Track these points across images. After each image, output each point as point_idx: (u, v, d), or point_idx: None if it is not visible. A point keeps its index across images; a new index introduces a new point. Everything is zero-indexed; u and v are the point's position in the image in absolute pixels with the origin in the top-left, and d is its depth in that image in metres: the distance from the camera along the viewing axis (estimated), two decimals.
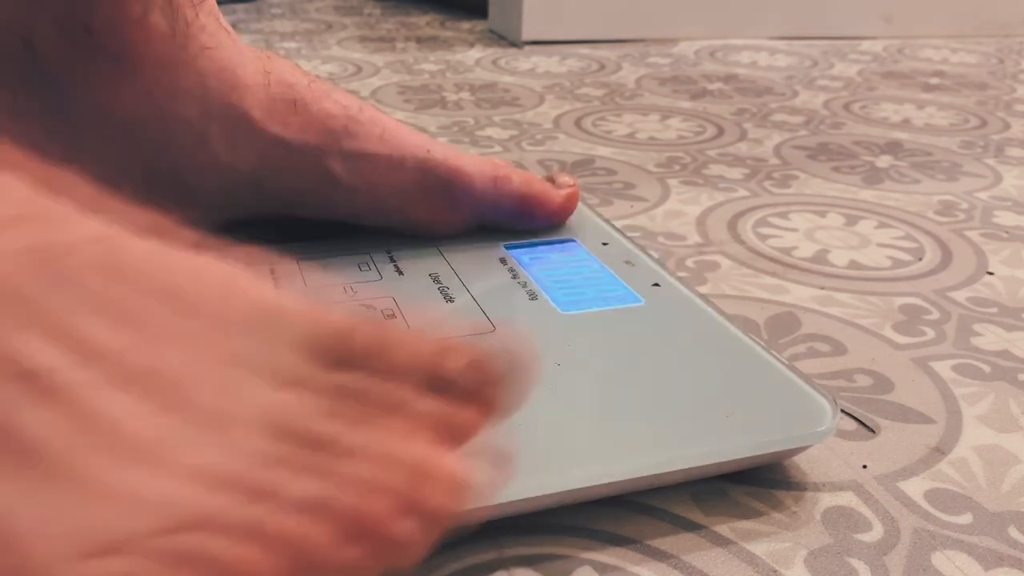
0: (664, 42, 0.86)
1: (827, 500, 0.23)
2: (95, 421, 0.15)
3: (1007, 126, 0.60)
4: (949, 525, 0.22)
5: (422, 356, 0.17)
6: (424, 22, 0.96)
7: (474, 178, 0.32)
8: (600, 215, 0.36)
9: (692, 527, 0.22)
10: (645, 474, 0.21)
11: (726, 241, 0.39)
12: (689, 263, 0.36)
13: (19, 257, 0.16)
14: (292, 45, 0.81)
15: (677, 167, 0.49)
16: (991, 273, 0.37)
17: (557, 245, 0.33)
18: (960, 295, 0.34)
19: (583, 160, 0.50)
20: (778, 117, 0.60)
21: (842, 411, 0.26)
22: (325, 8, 1.04)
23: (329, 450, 0.15)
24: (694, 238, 0.39)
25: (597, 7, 0.84)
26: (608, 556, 0.21)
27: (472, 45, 0.84)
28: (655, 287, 0.29)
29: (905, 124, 0.60)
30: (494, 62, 0.76)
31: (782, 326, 0.32)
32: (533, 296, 0.28)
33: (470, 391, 0.17)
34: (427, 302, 0.28)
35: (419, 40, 0.86)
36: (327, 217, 0.31)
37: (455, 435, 0.16)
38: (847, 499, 0.23)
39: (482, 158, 0.33)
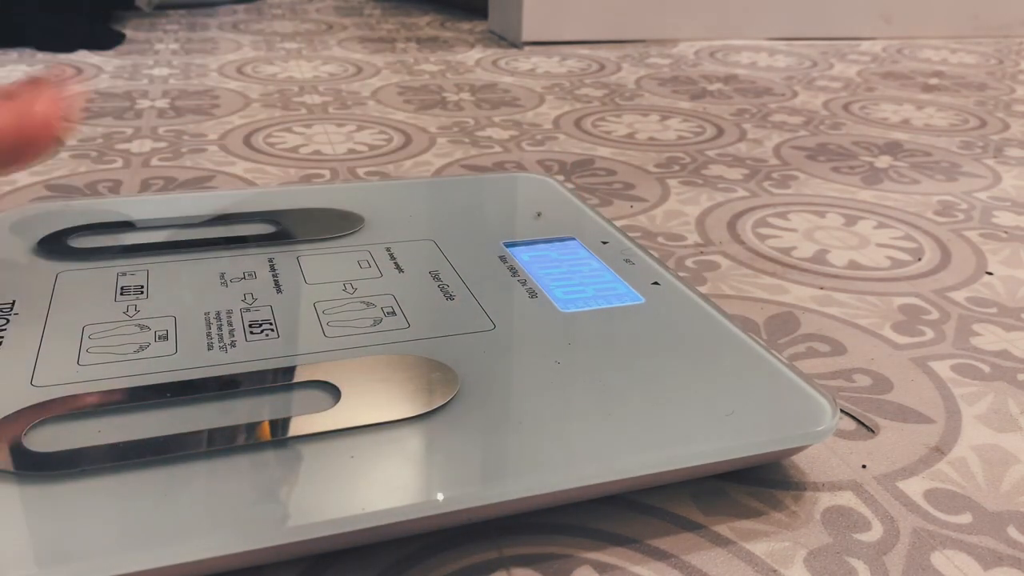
0: (664, 42, 0.86)
1: (826, 500, 0.23)
2: None
3: (1006, 126, 0.60)
4: (948, 525, 0.22)
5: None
6: (424, 23, 0.96)
7: None
8: (599, 214, 0.36)
9: (692, 527, 0.22)
10: (645, 473, 0.21)
11: (725, 241, 0.39)
12: (689, 263, 0.37)
13: None
14: (292, 46, 0.81)
15: (677, 167, 0.49)
16: (990, 273, 0.37)
17: (556, 243, 0.33)
18: (959, 295, 0.34)
19: (583, 160, 0.50)
20: (778, 117, 0.60)
21: (841, 411, 0.26)
22: (325, 9, 1.04)
23: None
24: (694, 238, 0.39)
25: (597, 7, 0.84)
26: (608, 556, 0.21)
27: (472, 46, 0.84)
28: (655, 285, 0.29)
29: (904, 124, 0.60)
30: (494, 63, 0.76)
31: (781, 326, 0.32)
32: (533, 294, 0.28)
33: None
34: (426, 299, 0.28)
35: (419, 41, 0.86)
36: None
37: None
38: (846, 499, 0.23)
39: None
